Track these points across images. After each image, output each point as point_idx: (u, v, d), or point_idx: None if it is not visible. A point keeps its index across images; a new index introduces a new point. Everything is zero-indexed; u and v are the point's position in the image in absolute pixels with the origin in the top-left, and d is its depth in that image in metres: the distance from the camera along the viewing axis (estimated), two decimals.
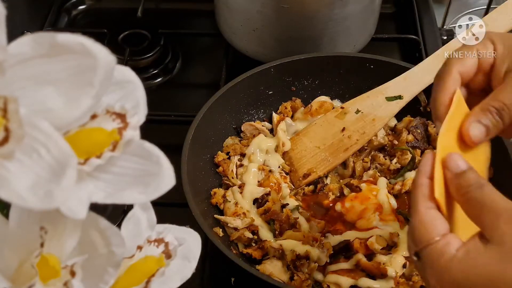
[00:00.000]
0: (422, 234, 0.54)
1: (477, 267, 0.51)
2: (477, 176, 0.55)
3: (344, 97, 1.04)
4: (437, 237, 0.54)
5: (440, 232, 0.54)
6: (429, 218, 0.55)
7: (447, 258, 0.53)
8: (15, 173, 0.32)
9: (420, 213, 0.55)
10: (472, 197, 0.54)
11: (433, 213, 0.55)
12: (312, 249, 0.84)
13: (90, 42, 0.34)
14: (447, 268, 0.52)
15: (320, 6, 1.06)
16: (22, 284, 0.36)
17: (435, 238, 0.54)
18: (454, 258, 0.52)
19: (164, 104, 1.16)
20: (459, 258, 0.52)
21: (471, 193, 0.54)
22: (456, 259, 0.52)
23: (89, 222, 0.37)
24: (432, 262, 0.54)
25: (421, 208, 0.55)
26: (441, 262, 0.53)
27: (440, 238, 0.54)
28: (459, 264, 0.52)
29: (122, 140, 0.36)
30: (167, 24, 1.28)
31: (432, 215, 0.55)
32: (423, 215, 0.55)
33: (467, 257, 0.52)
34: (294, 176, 0.97)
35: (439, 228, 0.54)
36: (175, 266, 0.45)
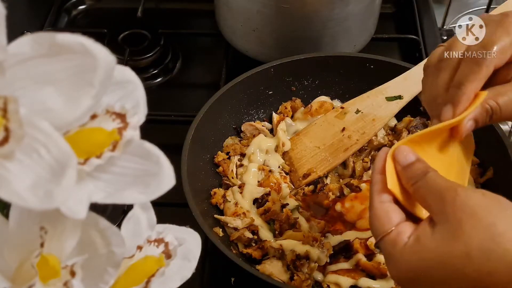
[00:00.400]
0: (377, 227, 0.57)
1: (427, 251, 0.53)
2: (423, 166, 0.57)
3: (344, 97, 1.04)
4: (390, 228, 0.56)
5: (394, 223, 0.56)
6: (382, 211, 0.57)
7: (400, 247, 0.55)
8: (15, 173, 0.32)
9: (373, 208, 0.58)
10: (419, 186, 0.56)
11: (386, 206, 0.58)
12: (312, 249, 0.84)
13: (90, 42, 0.34)
14: (401, 256, 0.54)
15: (320, 6, 1.06)
16: (22, 284, 0.36)
17: (388, 229, 0.56)
18: (406, 246, 0.54)
19: (164, 104, 1.16)
20: (410, 245, 0.54)
21: (418, 183, 0.56)
22: (407, 246, 0.54)
23: (89, 222, 0.37)
24: (388, 253, 0.56)
25: (375, 203, 0.58)
26: (395, 252, 0.55)
27: (393, 228, 0.56)
28: (410, 250, 0.54)
29: (122, 140, 0.36)
30: (167, 24, 1.28)
31: (385, 208, 0.57)
32: (377, 209, 0.57)
33: (418, 243, 0.54)
34: (294, 176, 0.97)
35: (393, 220, 0.56)
36: (175, 266, 0.45)
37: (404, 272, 0.55)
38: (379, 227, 0.57)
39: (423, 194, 0.56)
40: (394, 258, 0.55)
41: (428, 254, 0.53)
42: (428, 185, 0.56)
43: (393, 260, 0.55)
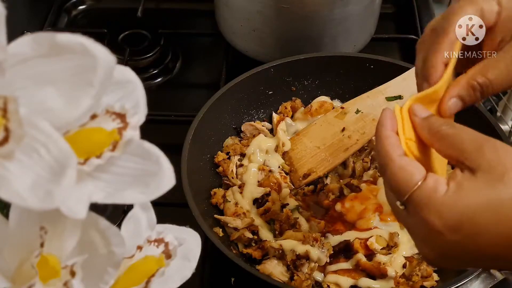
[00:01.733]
0: (406, 180, 0.53)
1: (474, 195, 0.51)
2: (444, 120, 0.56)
3: (344, 97, 1.04)
4: (421, 178, 0.53)
5: (422, 174, 0.53)
6: (406, 163, 0.54)
7: (442, 194, 0.52)
8: (15, 173, 0.32)
9: (395, 161, 0.54)
10: (447, 133, 0.54)
11: (407, 159, 0.55)
12: (312, 249, 0.84)
13: (90, 42, 0.34)
14: (444, 202, 0.51)
15: (320, 6, 1.06)
16: (22, 284, 0.36)
17: (419, 179, 0.53)
18: (448, 192, 0.52)
19: (164, 104, 1.16)
20: (453, 191, 0.51)
21: (445, 131, 0.54)
22: (450, 192, 0.51)
23: (89, 222, 0.37)
24: (428, 201, 0.52)
25: (395, 156, 0.54)
26: (437, 198, 0.52)
27: (425, 178, 0.53)
28: (455, 196, 0.51)
29: (122, 140, 0.36)
30: (167, 24, 1.28)
31: (407, 160, 0.54)
32: (400, 161, 0.54)
33: (462, 188, 0.51)
34: (294, 176, 0.97)
35: (420, 170, 0.54)
36: (175, 266, 0.45)
37: (449, 219, 0.51)
38: (409, 179, 0.53)
39: (456, 141, 0.53)
40: (436, 205, 0.52)
41: (475, 199, 0.50)
42: (461, 131, 0.53)
43: (435, 207, 0.52)
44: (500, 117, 1.14)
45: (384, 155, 0.55)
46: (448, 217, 0.51)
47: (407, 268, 0.84)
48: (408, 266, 0.84)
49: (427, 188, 0.52)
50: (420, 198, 0.52)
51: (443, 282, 0.82)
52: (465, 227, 0.51)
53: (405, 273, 0.84)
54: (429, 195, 0.52)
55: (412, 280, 0.82)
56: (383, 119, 0.57)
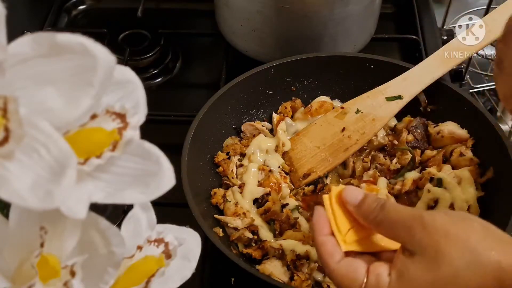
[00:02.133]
0: (351, 284, 0.56)
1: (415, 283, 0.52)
2: (376, 198, 0.57)
3: (344, 97, 1.04)
4: (364, 278, 0.55)
5: (363, 272, 0.56)
6: (344, 269, 0.57)
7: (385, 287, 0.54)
8: (15, 173, 0.32)
9: (335, 270, 0.57)
10: (380, 219, 0.56)
11: (345, 262, 0.57)
12: (312, 249, 0.84)
13: (90, 42, 0.34)
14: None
15: (320, 6, 1.06)
16: (22, 284, 0.36)
17: (363, 279, 0.55)
18: (391, 285, 0.54)
19: (164, 104, 1.16)
20: (394, 282, 0.54)
21: (377, 217, 0.56)
22: (392, 285, 0.54)
23: (89, 222, 0.37)
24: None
25: (333, 265, 0.57)
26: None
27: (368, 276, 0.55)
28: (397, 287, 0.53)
29: (122, 140, 0.36)
30: (167, 24, 1.28)
31: (345, 264, 0.57)
32: (338, 270, 0.57)
33: (402, 278, 0.53)
34: (294, 176, 0.97)
35: (360, 270, 0.56)
36: (175, 266, 0.45)
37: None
38: (353, 283, 0.56)
39: (388, 227, 0.55)
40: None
41: (417, 285, 0.53)
42: (390, 216, 0.55)
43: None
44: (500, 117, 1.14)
45: (324, 264, 0.58)
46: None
47: None
48: None
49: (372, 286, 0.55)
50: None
51: None
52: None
53: None
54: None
55: None
56: (313, 223, 0.60)
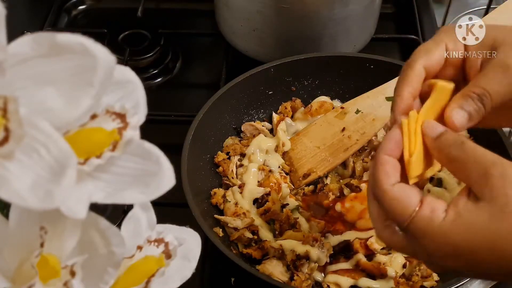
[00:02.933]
0: (401, 209, 0.53)
1: (474, 227, 0.50)
2: (456, 135, 0.54)
3: (344, 97, 1.04)
4: (416, 206, 0.52)
5: (416, 200, 0.53)
6: (398, 192, 0.53)
7: (439, 222, 0.51)
8: (15, 173, 0.32)
9: (387, 192, 0.54)
10: (455, 156, 0.53)
11: (399, 187, 0.54)
12: (312, 249, 0.84)
13: (90, 42, 0.34)
14: (441, 232, 0.51)
15: (320, 6, 1.06)
16: (22, 284, 0.36)
17: (414, 208, 0.52)
18: (446, 221, 0.51)
19: (164, 104, 1.16)
20: (451, 220, 0.51)
21: (453, 152, 0.53)
22: (448, 221, 0.51)
23: (89, 222, 0.37)
24: (424, 230, 0.52)
25: (386, 187, 0.54)
26: (434, 227, 0.51)
27: (421, 205, 0.52)
28: (453, 225, 0.51)
29: (122, 140, 0.36)
30: (167, 24, 1.28)
31: (400, 189, 0.54)
32: (391, 193, 0.53)
33: (460, 218, 0.50)
34: (294, 176, 0.97)
35: (414, 198, 0.53)
36: (175, 266, 0.45)
37: (444, 248, 0.51)
38: (403, 210, 0.52)
39: (462, 165, 0.52)
40: (431, 234, 0.51)
41: (475, 231, 0.50)
42: (468, 155, 0.52)
43: (432, 238, 0.51)
44: None
45: (377, 184, 0.55)
46: (444, 245, 0.51)
47: (407, 268, 0.84)
48: (408, 266, 0.84)
49: (423, 218, 0.52)
50: (418, 226, 0.52)
51: (443, 282, 0.82)
52: (463, 257, 0.51)
53: (405, 273, 0.84)
54: (427, 223, 0.51)
55: (412, 280, 0.82)
56: (384, 141, 0.57)
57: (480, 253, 0.50)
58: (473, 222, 0.50)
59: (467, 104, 0.58)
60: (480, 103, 0.58)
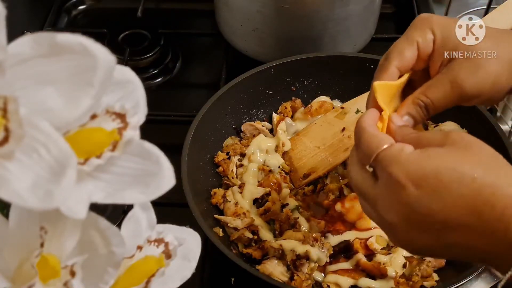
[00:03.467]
0: (376, 142, 0.58)
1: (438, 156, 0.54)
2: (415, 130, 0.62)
3: (344, 97, 1.04)
4: (389, 143, 0.58)
5: (391, 141, 0.58)
6: (378, 132, 0.60)
7: (408, 153, 0.55)
8: (15, 173, 0.32)
9: (368, 130, 0.60)
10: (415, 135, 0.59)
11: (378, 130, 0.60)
12: (312, 249, 0.84)
13: (90, 42, 0.34)
14: (409, 159, 0.55)
15: (320, 6, 1.06)
16: (22, 284, 0.36)
17: (388, 144, 0.57)
18: (414, 152, 0.56)
19: (164, 104, 1.16)
20: (418, 152, 0.56)
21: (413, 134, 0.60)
22: (416, 152, 0.56)
23: (89, 222, 0.37)
24: (394, 158, 0.56)
25: (368, 128, 0.60)
26: (402, 155, 0.55)
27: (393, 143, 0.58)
28: (420, 155, 0.55)
29: (122, 140, 0.36)
30: (167, 24, 1.28)
31: (378, 132, 0.60)
32: (372, 131, 0.60)
33: (427, 151, 0.55)
34: (294, 176, 0.97)
35: (390, 139, 0.58)
36: (175, 266, 0.45)
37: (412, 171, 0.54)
38: (379, 142, 0.58)
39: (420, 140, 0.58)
40: (401, 160, 0.55)
41: (440, 159, 0.54)
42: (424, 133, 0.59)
43: (400, 162, 0.55)
44: (500, 117, 1.13)
45: (359, 124, 0.61)
46: (412, 170, 0.54)
47: (407, 268, 0.84)
48: (408, 266, 0.84)
49: (394, 149, 0.56)
50: (387, 156, 0.56)
51: (443, 282, 0.82)
52: (428, 182, 0.53)
53: (405, 273, 0.84)
54: (395, 154, 0.56)
55: (412, 280, 0.82)
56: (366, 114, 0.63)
57: (445, 178, 0.53)
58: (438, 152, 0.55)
59: (414, 111, 0.66)
60: (425, 111, 0.66)
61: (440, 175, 0.53)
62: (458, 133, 0.57)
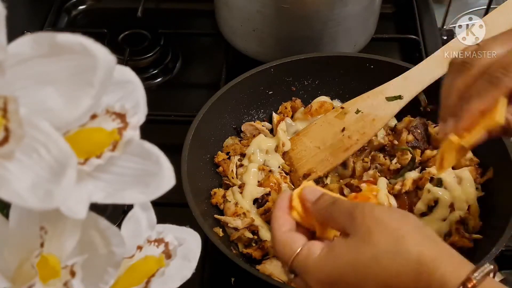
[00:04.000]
0: (286, 252, 0.61)
1: (340, 257, 0.57)
2: (330, 197, 0.63)
3: (344, 97, 1.04)
4: (298, 248, 0.60)
5: (300, 243, 0.61)
6: (286, 237, 0.62)
7: (314, 258, 0.59)
8: (15, 173, 0.32)
9: (278, 237, 0.63)
10: (329, 212, 0.61)
11: (288, 233, 0.63)
12: None
13: (90, 42, 0.34)
14: (315, 266, 0.58)
15: (320, 6, 1.06)
16: (22, 284, 0.36)
17: (297, 249, 0.60)
18: (320, 256, 0.58)
19: (164, 104, 1.16)
20: (324, 254, 0.58)
21: (328, 210, 0.62)
22: (321, 256, 0.58)
23: (89, 222, 0.37)
24: (304, 268, 0.59)
25: (278, 233, 0.63)
26: (310, 263, 0.59)
27: (302, 247, 0.60)
28: (325, 259, 0.58)
29: (122, 140, 0.36)
30: (167, 24, 1.28)
31: (288, 235, 0.62)
32: (281, 237, 0.62)
33: (331, 252, 0.58)
34: (294, 176, 0.97)
35: (298, 241, 0.61)
36: (175, 266, 0.45)
37: (321, 281, 0.58)
38: (288, 251, 0.61)
39: (335, 216, 0.60)
40: (309, 270, 0.59)
41: (341, 260, 0.57)
42: (338, 208, 0.61)
43: (310, 272, 0.59)
44: None
45: (273, 232, 0.64)
46: (320, 279, 0.58)
47: None
48: None
49: (302, 256, 0.60)
50: (299, 264, 0.60)
51: None
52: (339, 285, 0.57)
53: None
54: (304, 260, 0.59)
55: None
56: (278, 200, 0.66)
57: (347, 277, 0.56)
58: (340, 253, 0.57)
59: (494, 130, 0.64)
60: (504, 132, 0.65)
61: (346, 277, 0.56)
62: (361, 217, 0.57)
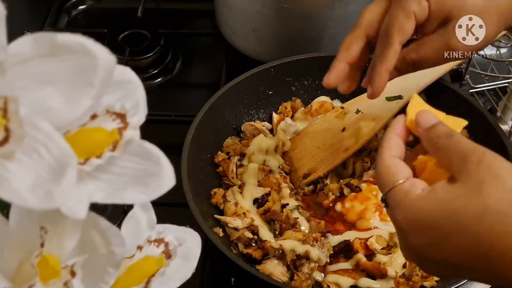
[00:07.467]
0: (388, 178, 0.56)
1: (442, 201, 0.52)
2: (447, 128, 0.57)
3: (344, 97, 1.04)
4: (401, 179, 0.55)
5: (404, 175, 0.56)
6: (393, 163, 0.57)
7: (413, 197, 0.54)
8: (15, 173, 0.32)
9: (384, 159, 0.58)
10: (442, 145, 0.55)
11: (397, 160, 0.58)
12: (312, 249, 0.84)
13: (90, 42, 0.34)
14: (412, 204, 0.54)
15: (320, 6, 1.06)
16: (22, 284, 0.36)
17: (399, 180, 0.55)
18: (419, 196, 0.54)
19: (164, 104, 1.16)
20: (423, 195, 0.53)
21: (441, 142, 0.56)
22: (420, 196, 0.53)
23: (89, 222, 0.37)
24: (398, 202, 0.55)
25: (386, 156, 0.58)
26: (407, 200, 0.54)
27: (405, 180, 0.55)
28: (424, 199, 0.53)
29: (122, 140, 0.36)
30: (167, 24, 1.28)
31: (396, 161, 0.57)
32: (387, 161, 0.57)
33: (432, 195, 0.53)
34: (294, 176, 0.97)
35: (404, 172, 0.56)
36: (175, 266, 0.45)
37: (411, 220, 0.53)
38: (390, 177, 0.56)
39: (447, 153, 0.54)
40: (403, 205, 0.54)
41: (442, 205, 0.52)
42: (454, 144, 0.54)
43: (403, 209, 0.54)
44: (500, 117, 1.14)
45: (379, 154, 0.59)
46: (412, 217, 0.53)
47: (407, 268, 0.84)
48: (408, 266, 0.84)
49: (401, 190, 0.55)
50: (396, 196, 0.55)
51: (443, 282, 0.82)
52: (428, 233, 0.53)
53: (405, 273, 0.84)
54: (403, 194, 0.54)
55: (412, 280, 0.82)
56: (392, 123, 0.61)
57: (441, 227, 0.51)
58: (444, 199, 0.52)
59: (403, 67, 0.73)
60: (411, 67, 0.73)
61: (440, 226, 0.52)
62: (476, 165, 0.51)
